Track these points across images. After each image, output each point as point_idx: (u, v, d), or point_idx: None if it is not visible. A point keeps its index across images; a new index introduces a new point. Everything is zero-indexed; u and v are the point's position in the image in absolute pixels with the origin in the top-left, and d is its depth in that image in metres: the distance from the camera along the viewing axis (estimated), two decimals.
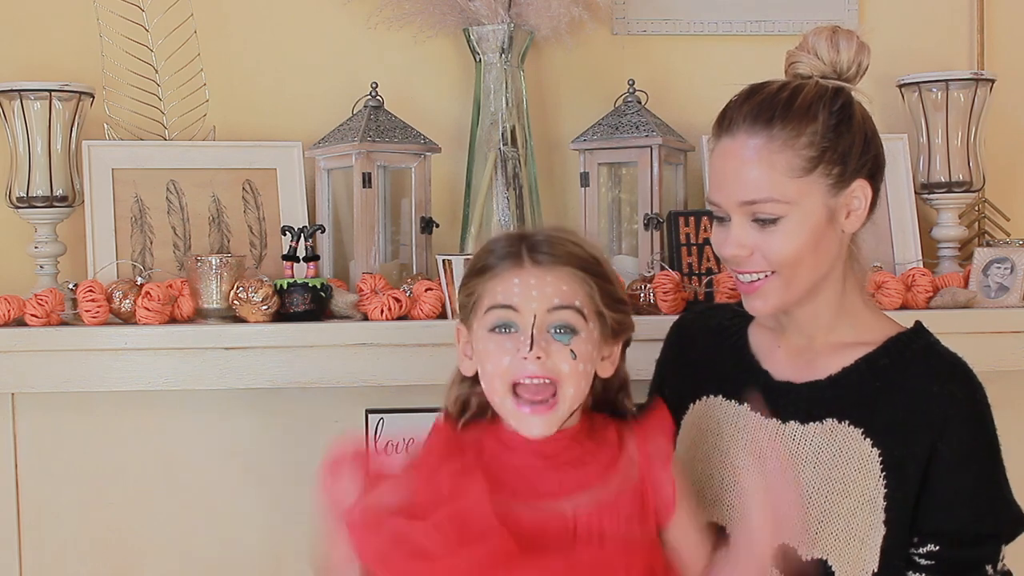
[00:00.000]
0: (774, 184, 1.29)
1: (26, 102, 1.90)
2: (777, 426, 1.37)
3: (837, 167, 1.31)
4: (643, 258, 1.96)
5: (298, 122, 2.05)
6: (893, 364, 1.35)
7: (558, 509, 1.23)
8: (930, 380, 1.33)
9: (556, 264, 1.23)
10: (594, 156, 2.00)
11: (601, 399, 1.33)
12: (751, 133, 1.31)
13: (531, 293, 1.21)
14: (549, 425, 1.22)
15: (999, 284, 1.94)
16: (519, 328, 1.21)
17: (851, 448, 1.33)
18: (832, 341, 1.39)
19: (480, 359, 1.25)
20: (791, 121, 1.30)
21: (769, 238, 1.31)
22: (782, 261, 1.32)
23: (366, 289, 1.82)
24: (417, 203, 1.97)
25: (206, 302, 1.77)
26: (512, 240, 1.26)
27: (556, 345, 1.21)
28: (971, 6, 2.21)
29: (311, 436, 1.86)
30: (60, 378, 1.74)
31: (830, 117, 1.31)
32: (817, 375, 1.38)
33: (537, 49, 2.08)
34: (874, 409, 1.33)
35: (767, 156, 1.30)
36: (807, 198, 1.30)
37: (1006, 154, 2.20)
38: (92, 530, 1.84)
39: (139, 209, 1.94)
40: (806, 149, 1.30)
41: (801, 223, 1.31)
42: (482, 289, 1.25)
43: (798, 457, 1.35)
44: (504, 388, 1.22)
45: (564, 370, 1.21)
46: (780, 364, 1.41)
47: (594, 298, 1.23)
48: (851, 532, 1.31)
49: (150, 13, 2.00)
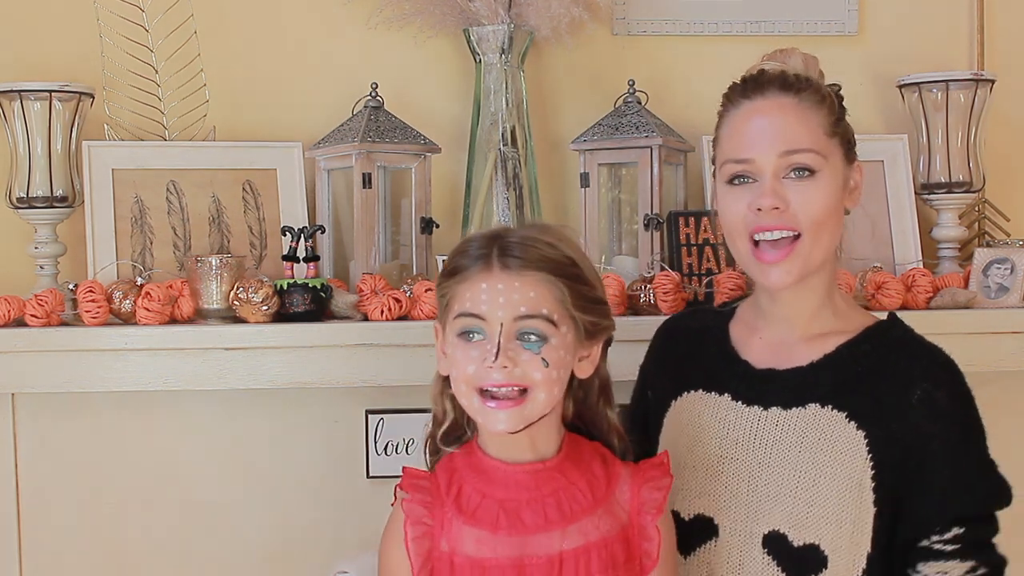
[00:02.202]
0: (813, 135, 1.36)
1: (26, 102, 1.89)
2: (759, 413, 1.39)
3: (845, 141, 1.40)
4: (643, 258, 1.95)
5: (298, 122, 2.05)
6: (874, 350, 1.39)
7: (543, 545, 1.22)
8: (910, 364, 1.37)
9: (526, 269, 1.20)
10: (594, 156, 2.00)
11: (582, 404, 1.32)
12: (783, 94, 1.38)
13: (498, 300, 1.19)
14: (514, 421, 1.20)
15: (999, 284, 1.94)
16: (486, 335, 1.20)
17: (836, 432, 1.35)
18: (812, 332, 1.42)
19: (450, 362, 1.24)
20: (814, 91, 1.39)
21: (804, 192, 1.35)
22: (814, 216, 1.35)
23: (366, 289, 1.82)
24: (417, 203, 1.97)
25: (206, 302, 1.77)
26: (485, 241, 1.24)
27: (527, 354, 1.20)
28: (971, 6, 2.21)
29: (311, 436, 1.86)
30: (60, 378, 1.74)
31: (835, 100, 1.40)
32: (798, 362, 1.40)
33: (537, 49, 2.08)
34: (858, 393, 1.34)
35: (804, 112, 1.37)
36: (834, 158, 1.38)
37: (1006, 154, 2.20)
38: (92, 530, 1.84)
39: (139, 209, 1.94)
40: (829, 114, 1.38)
41: (830, 181, 1.37)
42: (452, 292, 1.23)
43: (782, 443, 1.36)
44: (470, 391, 1.21)
45: (536, 378, 1.20)
46: (760, 354, 1.44)
47: (565, 302, 1.22)
48: (842, 515, 1.33)
49: (150, 13, 2.00)
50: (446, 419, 1.30)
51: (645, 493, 1.27)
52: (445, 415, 1.30)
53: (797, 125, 1.36)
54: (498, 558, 1.22)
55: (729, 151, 1.40)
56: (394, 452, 1.84)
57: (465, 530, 1.23)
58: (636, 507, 1.27)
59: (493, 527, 1.22)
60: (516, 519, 1.22)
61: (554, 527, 1.23)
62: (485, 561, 1.22)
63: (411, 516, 1.24)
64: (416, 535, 1.24)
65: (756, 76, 1.40)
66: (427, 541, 1.24)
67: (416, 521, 1.24)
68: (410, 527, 1.24)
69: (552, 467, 1.26)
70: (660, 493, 1.27)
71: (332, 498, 1.86)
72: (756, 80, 1.40)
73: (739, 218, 1.38)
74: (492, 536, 1.22)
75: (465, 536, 1.23)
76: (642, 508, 1.26)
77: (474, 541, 1.22)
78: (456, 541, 1.23)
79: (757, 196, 1.35)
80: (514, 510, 1.23)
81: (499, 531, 1.22)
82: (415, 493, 1.26)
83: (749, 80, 1.41)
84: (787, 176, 1.35)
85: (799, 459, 1.35)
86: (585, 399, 1.32)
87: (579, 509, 1.24)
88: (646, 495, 1.27)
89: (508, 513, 1.23)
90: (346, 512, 1.84)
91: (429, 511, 1.25)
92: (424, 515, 1.24)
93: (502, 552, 1.22)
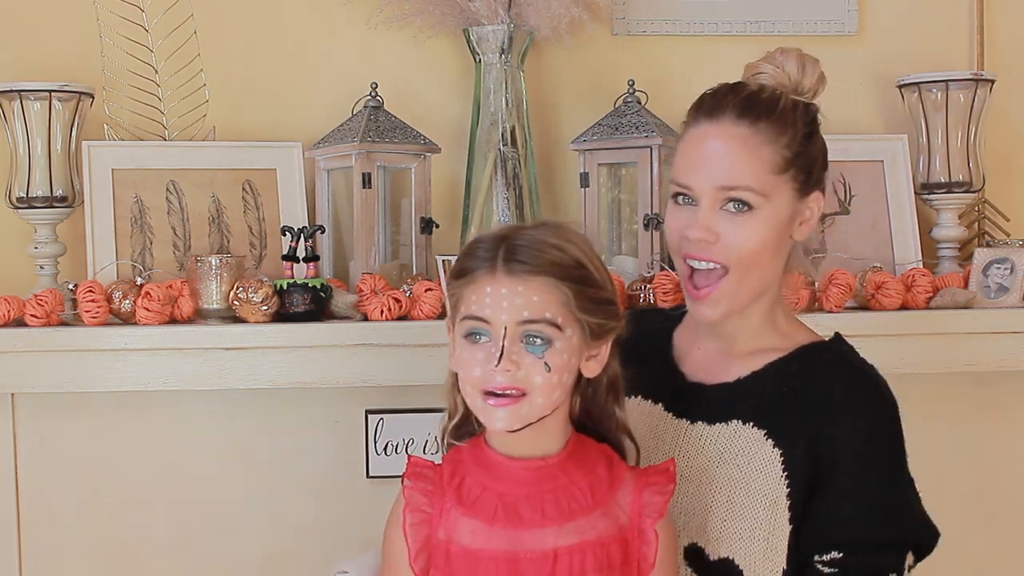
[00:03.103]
0: (755, 174, 1.32)
1: (26, 102, 1.90)
2: (686, 426, 1.39)
3: (803, 174, 1.35)
4: (643, 258, 1.96)
5: (298, 122, 2.05)
6: (801, 371, 1.37)
7: (538, 540, 1.22)
8: (833, 387, 1.35)
9: (530, 273, 1.20)
10: (594, 156, 2.00)
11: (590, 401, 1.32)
12: (737, 123, 1.33)
13: (502, 304, 1.19)
14: (511, 420, 1.21)
15: (999, 284, 1.94)
16: (491, 337, 1.20)
17: (754, 449, 1.34)
18: (749, 348, 1.41)
19: (458, 363, 1.25)
20: (775, 121, 1.34)
21: (737, 228, 1.33)
22: (743, 254, 1.33)
23: (366, 289, 1.82)
24: (417, 203, 1.97)
25: (206, 302, 1.77)
26: (493, 243, 1.23)
27: (530, 357, 1.20)
28: (971, 6, 2.21)
29: (311, 436, 1.86)
30: (60, 378, 1.74)
31: (804, 127, 1.36)
32: (727, 378, 1.40)
33: (537, 49, 2.08)
34: (778, 412, 1.34)
35: (753, 146, 1.33)
36: (779, 196, 1.34)
37: (1006, 154, 2.20)
38: (92, 530, 1.84)
39: (139, 209, 1.94)
40: (785, 149, 1.33)
41: (769, 218, 1.33)
42: (460, 293, 1.24)
43: (704, 457, 1.37)
44: (475, 392, 1.22)
45: (536, 382, 1.20)
46: (695, 365, 1.44)
47: (570, 305, 1.21)
48: (755, 531, 1.33)
49: (150, 13, 2.00)
50: (457, 413, 1.31)
51: (647, 497, 1.27)
52: (456, 409, 1.31)
53: (742, 160, 1.32)
54: (492, 550, 1.22)
55: (676, 171, 1.39)
56: (394, 452, 1.84)
57: (463, 520, 1.24)
58: (637, 510, 1.27)
59: (489, 519, 1.23)
60: (513, 513, 1.23)
61: (550, 523, 1.23)
62: (479, 552, 1.23)
63: (411, 503, 1.26)
64: (414, 521, 1.26)
65: (717, 96, 1.37)
66: (425, 528, 1.25)
67: (415, 508, 1.26)
68: (409, 513, 1.26)
69: (554, 464, 1.26)
70: (662, 498, 1.27)
71: (332, 498, 1.86)
72: (715, 101, 1.36)
73: (674, 238, 1.39)
74: (487, 528, 1.23)
75: (462, 526, 1.24)
76: (643, 511, 1.27)
77: (470, 532, 1.23)
78: (453, 531, 1.24)
79: (689, 225, 1.35)
80: (512, 504, 1.24)
81: (495, 523, 1.23)
82: (417, 481, 1.27)
83: (711, 98, 1.38)
84: (724, 207, 1.33)
85: (717, 474, 1.35)
86: (594, 396, 1.32)
87: (577, 508, 1.24)
88: (647, 499, 1.27)
89: (506, 506, 1.24)
90: (346, 512, 1.84)
91: (429, 500, 1.26)
92: (424, 503, 1.26)
93: (496, 544, 1.22)
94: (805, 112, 1.37)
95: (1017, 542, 2.02)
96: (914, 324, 1.85)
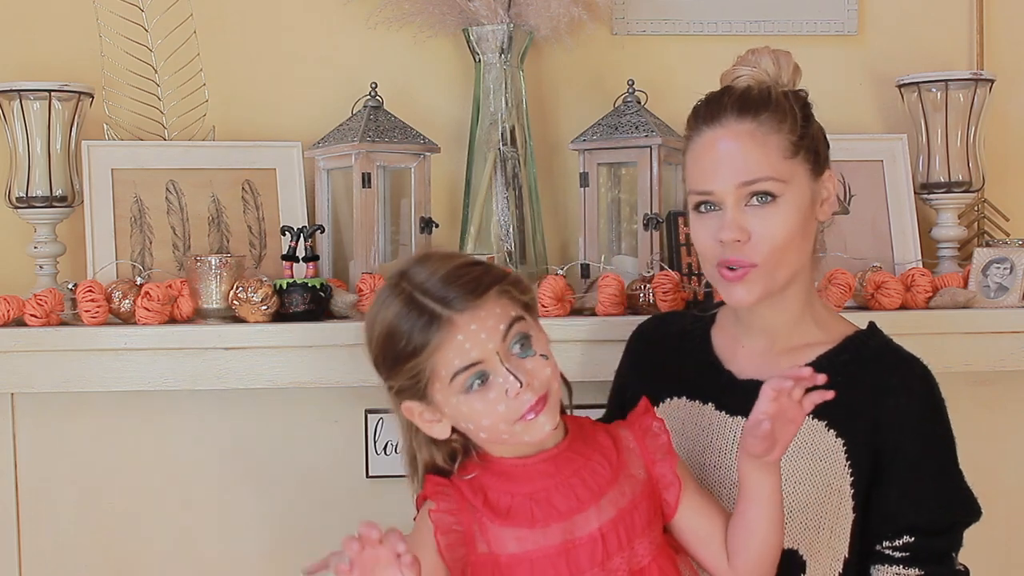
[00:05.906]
0: (771, 163, 1.35)
1: (26, 102, 1.90)
2: (743, 423, 1.39)
3: (812, 155, 1.39)
4: (642, 258, 1.95)
5: (298, 122, 2.05)
6: (853, 360, 1.40)
7: (584, 524, 1.24)
8: (888, 374, 1.39)
9: (475, 299, 1.20)
10: (593, 156, 2.00)
11: None
12: (740, 120, 1.36)
13: (480, 337, 1.20)
14: (552, 419, 1.23)
15: (998, 284, 1.94)
16: (493, 371, 1.21)
17: (815, 440, 1.37)
18: (793, 343, 1.43)
19: (468, 418, 1.23)
20: (774, 111, 1.37)
21: (766, 221, 1.35)
22: (777, 244, 1.35)
23: (366, 289, 1.82)
24: (417, 203, 1.97)
25: (206, 302, 1.77)
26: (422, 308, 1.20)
27: (529, 361, 1.22)
28: (971, 6, 2.21)
29: (311, 436, 1.86)
30: (60, 378, 1.74)
31: (800, 110, 1.39)
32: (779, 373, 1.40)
33: (537, 49, 2.08)
34: (836, 402, 1.34)
35: (761, 138, 1.36)
36: (796, 179, 1.37)
37: (1006, 154, 2.20)
38: (92, 530, 1.84)
39: (139, 209, 1.94)
40: (790, 134, 1.36)
41: (793, 204, 1.36)
42: (428, 365, 1.21)
43: None
44: (508, 425, 1.22)
45: (547, 374, 1.23)
46: (743, 364, 1.45)
47: (515, 296, 1.24)
48: (820, 521, 1.36)
49: (150, 13, 2.00)
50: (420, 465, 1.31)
51: (650, 442, 1.30)
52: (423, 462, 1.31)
53: (755, 153, 1.35)
54: (543, 548, 1.23)
55: (692, 181, 1.41)
56: (393, 452, 1.84)
57: (504, 532, 1.24)
58: (649, 460, 1.30)
59: (530, 523, 1.24)
60: (550, 508, 1.24)
61: (587, 505, 1.25)
62: (531, 554, 1.24)
63: (440, 526, 1.25)
64: (449, 543, 1.24)
65: (715, 100, 1.40)
66: (461, 548, 1.25)
67: (447, 530, 1.25)
68: (441, 536, 1.25)
69: (565, 448, 1.28)
70: (664, 436, 1.30)
71: (332, 498, 1.85)
72: (714, 105, 1.39)
73: (707, 247, 1.40)
74: (531, 531, 1.24)
75: (505, 537, 1.24)
76: (655, 458, 1.30)
77: (515, 539, 1.24)
78: (496, 543, 1.24)
79: (720, 228, 1.36)
80: (545, 500, 1.25)
81: (536, 525, 1.24)
82: (441, 502, 1.26)
83: (707, 105, 1.41)
84: (749, 203, 1.36)
85: (781, 468, 1.35)
86: None
87: (603, 481, 1.26)
88: (650, 443, 1.30)
89: (540, 504, 1.24)
90: (346, 512, 1.84)
91: (456, 518, 1.25)
92: (453, 523, 1.25)
93: (545, 542, 1.23)
94: (796, 98, 1.40)
95: (1017, 542, 2.02)
96: (914, 324, 1.85)
